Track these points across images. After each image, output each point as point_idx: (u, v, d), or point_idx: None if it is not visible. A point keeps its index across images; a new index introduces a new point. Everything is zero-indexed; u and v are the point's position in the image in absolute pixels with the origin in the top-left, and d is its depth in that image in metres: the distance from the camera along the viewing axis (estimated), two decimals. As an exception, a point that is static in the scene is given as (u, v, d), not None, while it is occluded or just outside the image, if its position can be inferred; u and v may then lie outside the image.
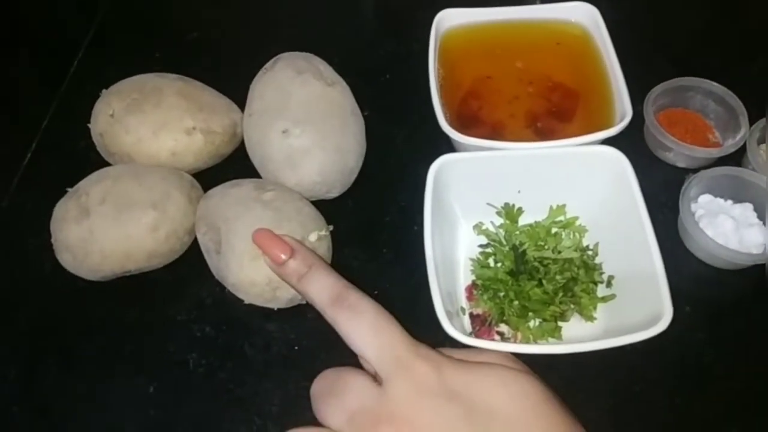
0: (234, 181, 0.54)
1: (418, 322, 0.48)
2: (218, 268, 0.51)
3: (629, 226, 0.47)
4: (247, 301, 0.51)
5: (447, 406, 0.29)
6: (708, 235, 0.52)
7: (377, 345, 0.31)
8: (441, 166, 0.50)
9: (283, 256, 0.35)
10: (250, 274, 0.49)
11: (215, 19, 0.75)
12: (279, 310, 0.52)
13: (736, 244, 0.52)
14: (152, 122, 0.56)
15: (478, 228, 0.54)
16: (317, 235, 0.50)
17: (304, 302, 0.52)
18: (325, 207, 0.57)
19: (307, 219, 0.51)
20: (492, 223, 0.54)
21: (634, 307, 0.47)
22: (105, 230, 0.50)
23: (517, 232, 0.53)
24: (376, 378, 0.32)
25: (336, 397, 0.31)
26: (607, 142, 0.53)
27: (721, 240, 0.52)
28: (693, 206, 0.55)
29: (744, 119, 0.57)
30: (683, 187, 0.54)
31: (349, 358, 0.51)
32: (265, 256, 0.36)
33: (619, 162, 0.49)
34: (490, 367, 0.32)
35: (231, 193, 0.52)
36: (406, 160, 0.60)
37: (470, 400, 0.30)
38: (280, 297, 0.50)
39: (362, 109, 0.62)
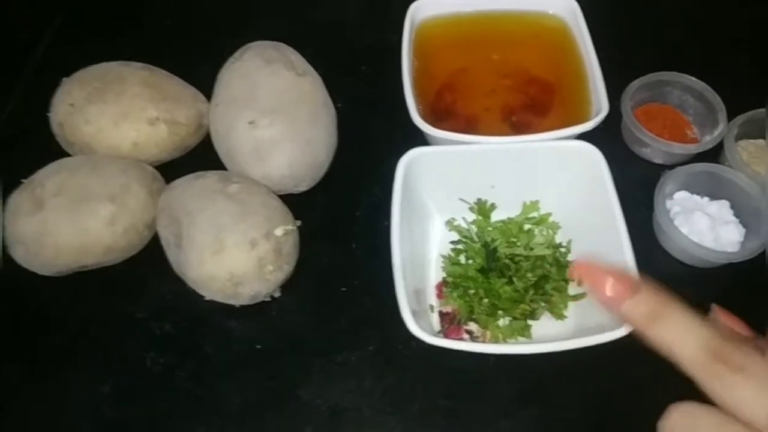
0: (198, 173, 0.52)
1: (387, 319, 0.47)
2: (178, 263, 0.49)
3: (602, 222, 0.46)
4: (207, 297, 0.49)
5: None
6: (682, 233, 0.50)
7: None
8: (411, 161, 0.49)
9: (624, 294, 0.29)
10: (211, 268, 0.47)
11: (189, 6, 0.73)
12: (241, 307, 0.50)
13: (711, 242, 0.51)
14: (113, 112, 0.53)
15: (450, 224, 0.53)
16: (283, 229, 0.49)
17: (268, 299, 0.51)
18: (294, 201, 0.55)
19: (273, 213, 0.49)
20: (464, 219, 0.52)
21: (600, 308, 0.45)
22: (60, 223, 0.48)
23: (490, 229, 0.52)
24: None
25: None
26: (584, 136, 0.51)
27: (696, 238, 0.51)
28: (669, 203, 0.54)
29: (722, 115, 0.56)
30: (658, 184, 0.53)
31: (316, 357, 0.50)
32: (595, 290, 0.30)
33: (593, 157, 0.47)
34: None
35: (194, 185, 0.50)
36: (380, 154, 0.58)
37: None
38: (242, 293, 0.48)
39: (336, 101, 0.60)
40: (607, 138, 0.60)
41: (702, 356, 0.26)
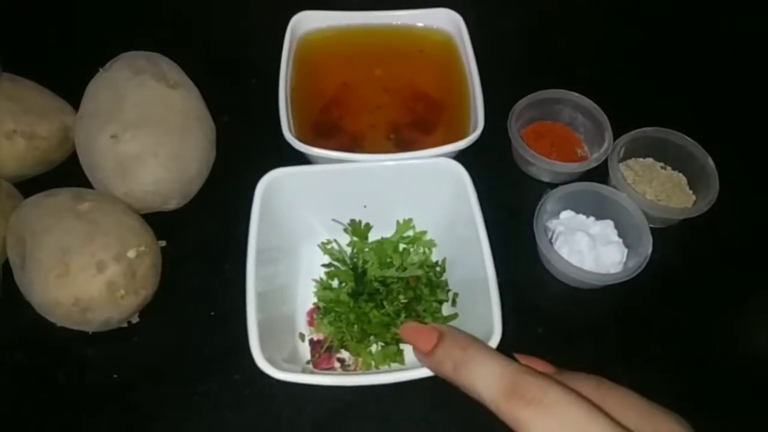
0: (51, 190, 0.49)
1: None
2: (24, 287, 0.46)
3: (469, 241, 0.44)
4: (58, 324, 0.46)
5: None
6: (560, 255, 0.49)
7: None
8: (274, 181, 0.46)
9: (430, 346, 0.29)
10: (55, 293, 0.43)
11: (73, 15, 0.70)
12: (98, 333, 0.47)
13: (591, 263, 0.50)
14: (-34, 124, 0.50)
15: (323, 246, 0.50)
16: (137, 251, 0.45)
17: (124, 325, 0.48)
18: (165, 219, 0.52)
19: (127, 233, 0.46)
20: (336, 241, 0.50)
21: (473, 326, 0.43)
22: None
23: (366, 250, 0.50)
24: None
25: None
26: (475, 155, 0.50)
27: (575, 258, 0.50)
28: (554, 223, 0.53)
29: (608, 134, 0.55)
30: (539, 204, 0.51)
31: (176, 387, 0.47)
32: (415, 351, 0.31)
33: (458, 175, 0.46)
34: None
35: (44, 203, 0.47)
36: (262, 169, 0.56)
37: None
38: (92, 320, 0.45)
39: (223, 114, 0.58)
40: (500, 157, 0.60)
41: (501, 393, 0.25)
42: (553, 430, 0.24)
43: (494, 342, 0.39)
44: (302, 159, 0.51)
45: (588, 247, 0.50)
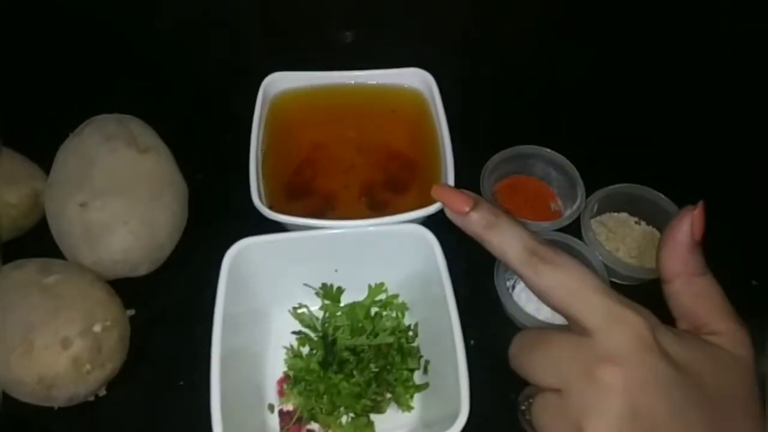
0: (19, 262, 0.48)
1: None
2: (-13, 363, 0.45)
3: (439, 307, 0.44)
4: (22, 401, 0.45)
5: (660, 363, 0.27)
6: (515, 301, 0.50)
7: (586, 296, 0.29)
8: (242, 251, 0.46)
9: (466, 208, 0.35)
10: (18, 372, 0.43)
11: (49, 79, 0.69)
12: (65, 407, 0.46)
13: (547, 311, 0.49)
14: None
15: (294, 312, 0.50)
16: (102, 325, 0.45)
17: (91, 398, 0.47)
18: (136, 284, 0.52)
19: (94, 306, 0.46)
20: (307, 307, 0.50)
21: (444, 396, 0.43)
22: None
23: (339, 314, 0.49)
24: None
25: (540, 351, 0.30)
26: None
27: (532, 306, 0.50)
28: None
29: (580, 189, 0.56)
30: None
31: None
32: (446, 207, 0.37)
33: (427, 242, 0.46)
34: (703, 341, 0.31)
35: (11, 277, 0.46)
36: (237, 231, 0.55)
37: (682, 364, 0.28)
38: (57, 396, 0.44)
39: (196, 172, 0.58)
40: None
41: (523, 253, 0.32)
42: (562, 279, 0.30)
43: (461, 421, 0.38)
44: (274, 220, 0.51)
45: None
